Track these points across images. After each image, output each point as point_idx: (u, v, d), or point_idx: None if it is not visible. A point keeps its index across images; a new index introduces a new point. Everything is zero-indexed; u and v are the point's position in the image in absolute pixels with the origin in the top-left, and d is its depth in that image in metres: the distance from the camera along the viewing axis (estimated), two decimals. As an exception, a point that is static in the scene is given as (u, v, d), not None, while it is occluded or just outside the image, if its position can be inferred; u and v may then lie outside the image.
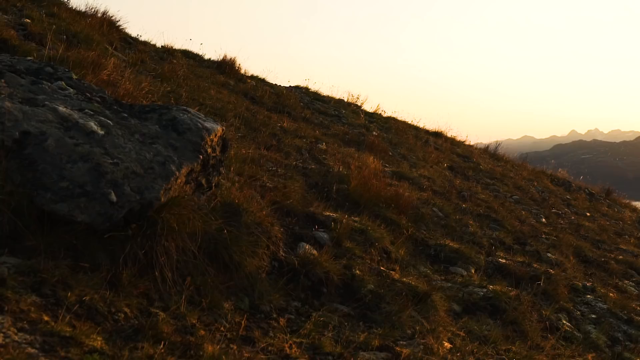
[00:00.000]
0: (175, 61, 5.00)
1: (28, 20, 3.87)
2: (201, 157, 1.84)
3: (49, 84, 2.08)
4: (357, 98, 6.87)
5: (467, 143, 8.04)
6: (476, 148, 8.19)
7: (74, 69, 3.05)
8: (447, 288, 2.55)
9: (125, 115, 1.88)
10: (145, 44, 5.30)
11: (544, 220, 5.08)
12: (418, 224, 3.30)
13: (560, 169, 9.45)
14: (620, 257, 4.70)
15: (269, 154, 3.13)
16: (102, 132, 1.72)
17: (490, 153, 8.15)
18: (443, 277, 2.69)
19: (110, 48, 4.22)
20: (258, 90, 5.25)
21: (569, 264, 3.77)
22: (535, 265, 3.27)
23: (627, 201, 10.46)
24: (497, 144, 8.42)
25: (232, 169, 2.52)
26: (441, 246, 3.00)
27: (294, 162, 3.17)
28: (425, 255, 2.90)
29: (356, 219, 2.63)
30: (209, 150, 1.92)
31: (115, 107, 1.99)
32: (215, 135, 1.96)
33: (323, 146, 3.94)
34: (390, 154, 5.13)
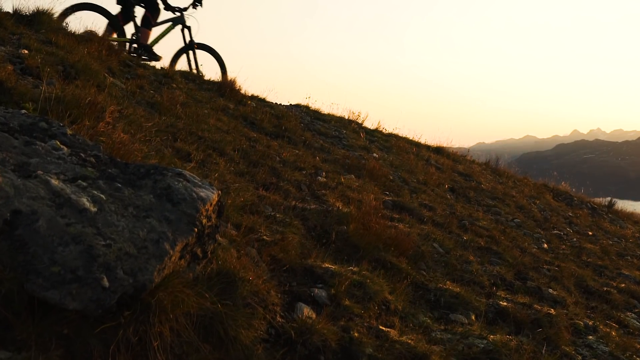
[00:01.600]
0: (174, 85, 4.97)
1: (25, 51, 3.84)
2: (196, 229, 1.82)
3: (43, 144, 2.05)
4: (358, 115, 6.85)
5: (468, 158, 8.01)
6: (477, 164, 8.15)
7: (70, 109, 3.03)
8: (446, 340, 2.52)
9: (119, 185, 1.85)
10: (145, 66, 5.27)
11: (545, 245, 5.04)
12: (418, 263, 3.27)
13: (562, 182, 9.41)
14: (622, 284, 4.67)
15: (268, 195, 3.09)
16: (94, 210, 1.69)
17: (491, 168, 8.11)
18: (443, 327, 2.66)
19: (108, 77, 4.19)
20: (258, 113, 5.22)
21: (571, 300, 3.73)
22: (536, 307, 3.23)
23: (630, 211, 10.42)
24: (497, 160, 8.40)
25: (229, 222, 2.49)
26: (441, 290, 2.96)
27: (293, 203, 3.13)
28: (425, 301, 2.87)
29: (355, 269, 2.59)
30: (204, 220, 1.89)
31: (110, 172, 1.96)
32: (211, 204, 1.93)
33: (323, 178, 3.91)
34: (391, 177, 5.09)
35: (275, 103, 6.25)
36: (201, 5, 6.76)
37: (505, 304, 3.14)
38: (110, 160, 2.11)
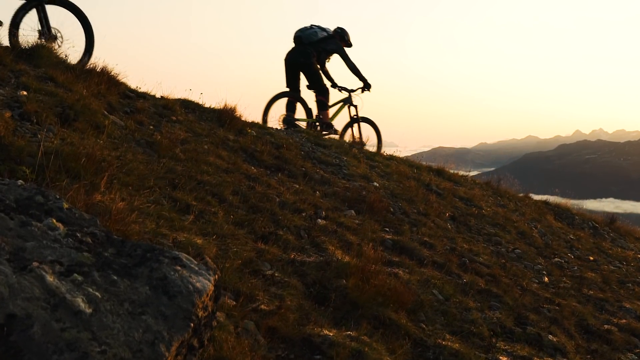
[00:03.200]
0: (174, 117, 4.96)
1: (24, 92, 3.83)
2: (192, 324, 1.81)
3: (39, 224, 2.03)
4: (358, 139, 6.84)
5: (469, 179, 7.99)
6: (478, 184, 8.13)
7: (68, 162, 3.02)
8: (445, 407, 2.51)
9: (115, 278, 1.84)
10: (145, 96, 5.26)
11: (546, 279, 5.02)
12: (418, 314, 3.25)
13: (564, 199, 9.40)
14: (623, 320, 4.65)
15: (267, 248, 3.08)
16: (89, 311, 1.68)
17: (493, 189, 8.09)
18: (442, 390, 2.65)
19: (107, 115, 4.18)
20: (258, 144, 5.21)
21: (571, 346, 3.72)
22: (536, 360, 3.22)
23: (631, 227, 10.40)
24: (499, 180, 8.38)
25: (227, 289, 2.48)
26: (440, 347, 2.95)
27: (292, 255, 3.12)
28: (424, 360, 2.86)
29: (354, 334, 2.58)
30: (201, 313, 1.88)
31: (106, 255, 1.95)
32: (207, 295, 1.92)
33: (322, 221, 3.90)
34: (392, 209, 5.08)
35: (276, 130, 6.24)
36: (369, 90, 8.38)
37: (504, 358, 3.13)
38: (106, 237, 2.10)
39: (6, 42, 4.83)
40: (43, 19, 5.16)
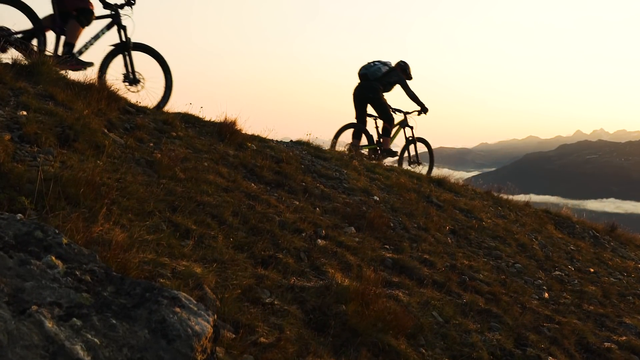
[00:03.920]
0: (174, 133, 4.96)
1: (24, 112, 3.83)
2: (191, 369, 1.80)
3: (38, 262, 2.04)
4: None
5: (470, 189, 7.98)
6: (478, 193, 8.13)
7: (68, 188, 3.02)
8: None
9: (114, 322, 1.83)
10: (145, 111, 5.26)
11: (546, 295, 5.02)
12: (417, 338, 3.25)
13: (564, 208, 9.39)
14: (624, 338, 4.65)
15: (267, 274, 3.08)
16: (88, 359, 1.68)
17: (493, 198, 8.09)
18: (441, 420, 2.65)
19: (108, 135, 4.18)
20: (258, 158, 5.21)
21: (571, 368, 3.72)
22: (536, 385, 3.22)
23: (632, 235, 10.40)
24: (500, 189, 8.39)
25: (227, 320, 2.48)
26: (440, 374, 2.95)
27: (292, 281, 3.12)
28: (423, 388, 2.86)
29: (353, 365, 2.58)
30: (200, 357, 1.88)
31: (105, 295, 1.95)
32: (206, 337, 1.92)
33: (322, 241, 3.90)
34: (392, 225, 5.08)
35: (276, 142, 6.24)
36: (425, 114, 9.23)
37: (504, 384, 3.13)
38: (105, 274, 2.10)
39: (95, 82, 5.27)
40: (129, 63, 5.76)
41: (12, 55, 4.79)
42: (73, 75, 4.98)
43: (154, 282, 2.39)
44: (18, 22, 5.27)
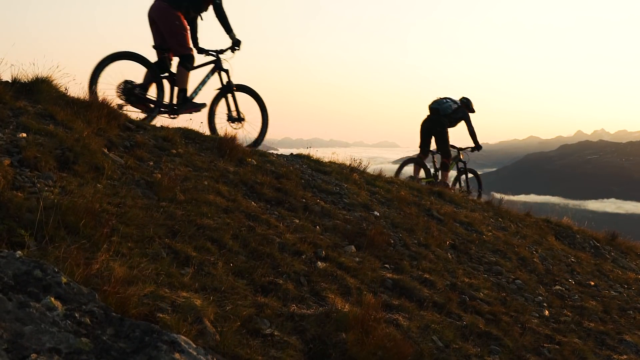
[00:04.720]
0: (174, 150, 4.96)
1: (24, 135, 3.83)
2: (190, 419, 1.80)
3: (37, 304, 2.03)
4: (360, 163, 6.86)
5: (470, 199, 7.99)
6: (479, 204, 8.13)
7: (67, 216, 3.02)
8: None
9: (113, 370, 1.83)
10: (145, 127, 5.26)
11: (546, 312, 5.02)
12: (417, 365, 3.25)
13: (565, 217, 9.39)
14: (624, 357, 4.65)
15: (266, 302, 3.08)
16: (87, 412, 1.67)
17: (494, 209, 8.09)
18: None
19: (108, 155, 4.18)
20: (258, 174, 5.20)
21: (572, 392, 3.71)
22: (536, 413, 3.22)
23: (633, 243, 10.40)
24: (501, 199, 8.39)
25: (226, 356, 2.47)
26: (440, 404, 2.95)
27: (292, 309, 3.11)
28: (423, 419, 2.85)
29: (353, 399, 2.58)
30: (199, 405, 1.87)
31: (104, 339, 1.94)
32: (205, 384, 1.92)
33: (322, 264, 3.89)
34: (392, 242, 5.08)
35: (277, 156, 6.24)
36: (478, 150, 10.23)
37: (504, 412, 3.13)
38: (105, 315, 2.10)
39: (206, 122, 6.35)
40: (233, 103, 6.45)
41: (11, 72, 4.78)
42: (72, 92, 4.97)
43: (154, 318, 2.39)
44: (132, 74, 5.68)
